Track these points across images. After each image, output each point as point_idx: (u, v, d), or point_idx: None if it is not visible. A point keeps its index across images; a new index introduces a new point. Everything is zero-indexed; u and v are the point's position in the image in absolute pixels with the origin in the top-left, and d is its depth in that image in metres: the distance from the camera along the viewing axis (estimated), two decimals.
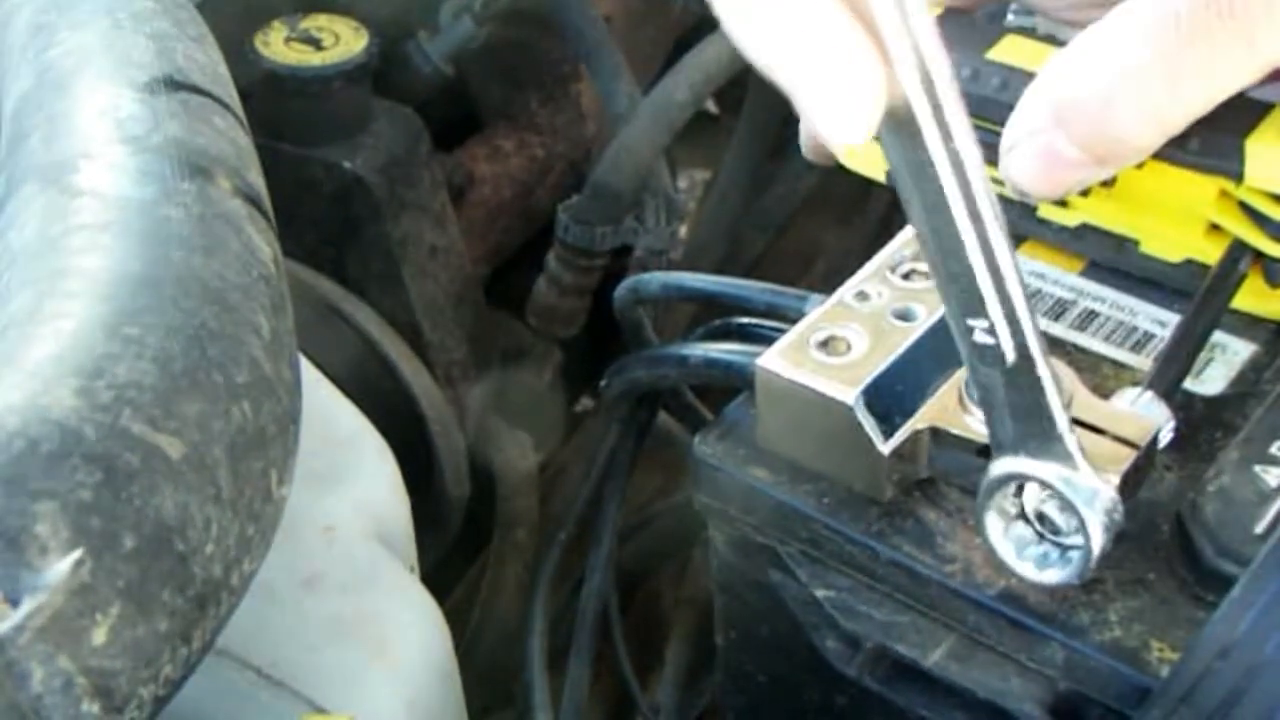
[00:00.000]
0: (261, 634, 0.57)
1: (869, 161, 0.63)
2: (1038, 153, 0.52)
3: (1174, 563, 0.49)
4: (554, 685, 0.74)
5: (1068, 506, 0.46)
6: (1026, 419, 0.46)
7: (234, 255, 0.46)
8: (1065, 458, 0.46)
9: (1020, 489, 0.47)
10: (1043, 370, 0.45)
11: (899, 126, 0.40)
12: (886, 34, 0.38)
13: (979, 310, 0.44)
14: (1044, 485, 0.46)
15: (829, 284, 0.55)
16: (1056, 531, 0.47)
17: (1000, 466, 0.47)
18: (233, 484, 0.42)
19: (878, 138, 0.59)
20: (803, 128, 0.65)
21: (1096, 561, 0.46)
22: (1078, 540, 0.47)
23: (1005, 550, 0.48)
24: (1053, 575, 0.48)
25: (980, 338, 0.44)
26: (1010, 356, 0.44)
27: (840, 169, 0.64)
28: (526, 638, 0.77)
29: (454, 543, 0.90)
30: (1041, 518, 0.48)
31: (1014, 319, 0.44)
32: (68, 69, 0.50)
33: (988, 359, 0.45)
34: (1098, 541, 0.46)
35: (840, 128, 0.39)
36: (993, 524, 0.48)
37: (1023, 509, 0.48)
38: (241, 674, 0.56)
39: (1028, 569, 0.48)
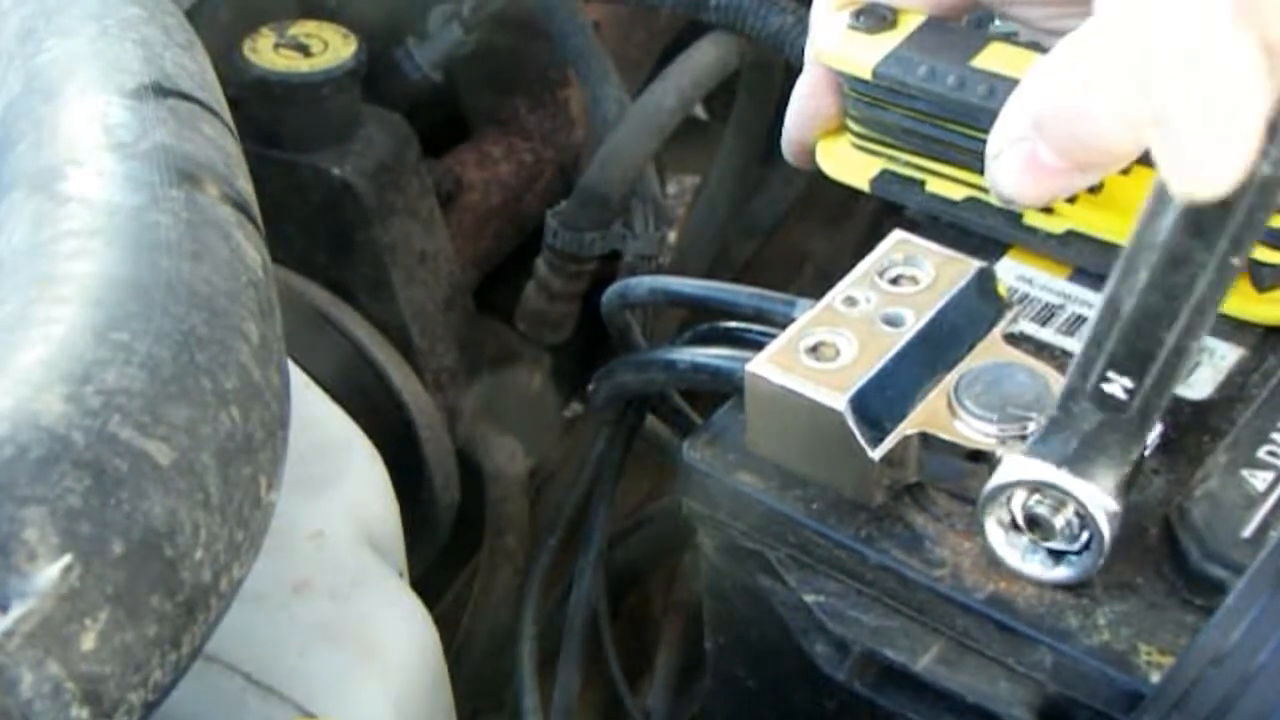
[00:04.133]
0: (251, 639, 0.57)
1: (851, 171, 0.63)
2: (1020, 161, 0.53)
3: (1162, 566, 0.50)
4: (544, 690, 0.74)
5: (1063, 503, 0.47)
6: (1096, 450, 0.46)
7: (222, 261, 0.46)
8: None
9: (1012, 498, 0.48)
10: (1152, 427, 0.46)
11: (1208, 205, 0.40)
12: None
13: (1133, 373, 0.45)
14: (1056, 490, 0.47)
15: (818, 289, 0.55)
16: (1055, 533, 0.48)
17: (1011, 473, 0.47)
18: (221, 489, 0.42)
19: (862, 147, 0.59)
20: (785, 131, 0.65)
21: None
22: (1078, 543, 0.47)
23: (1007, 551, 0.49)
24: (1061, 572, 0.48)
25: (1111, 389, 0.45)
26: (1132, 414, 0.45)
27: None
28: (517, 642, 0.77)
29: (444, 548, 0.90)
30: (1035, 522, 0.48)
31: (1163, 391, 0.45)
32: (56, 76, 0.50)
33: (1106, 405, 0.46)
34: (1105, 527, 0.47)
35: (1211, 177, 0.39)
36: (995, 528, 0.49)
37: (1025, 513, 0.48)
38: (231, 679, 0.56)
39: (1034, 568, 0.49)
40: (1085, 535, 0.47)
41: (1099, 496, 0.46)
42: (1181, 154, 0.41)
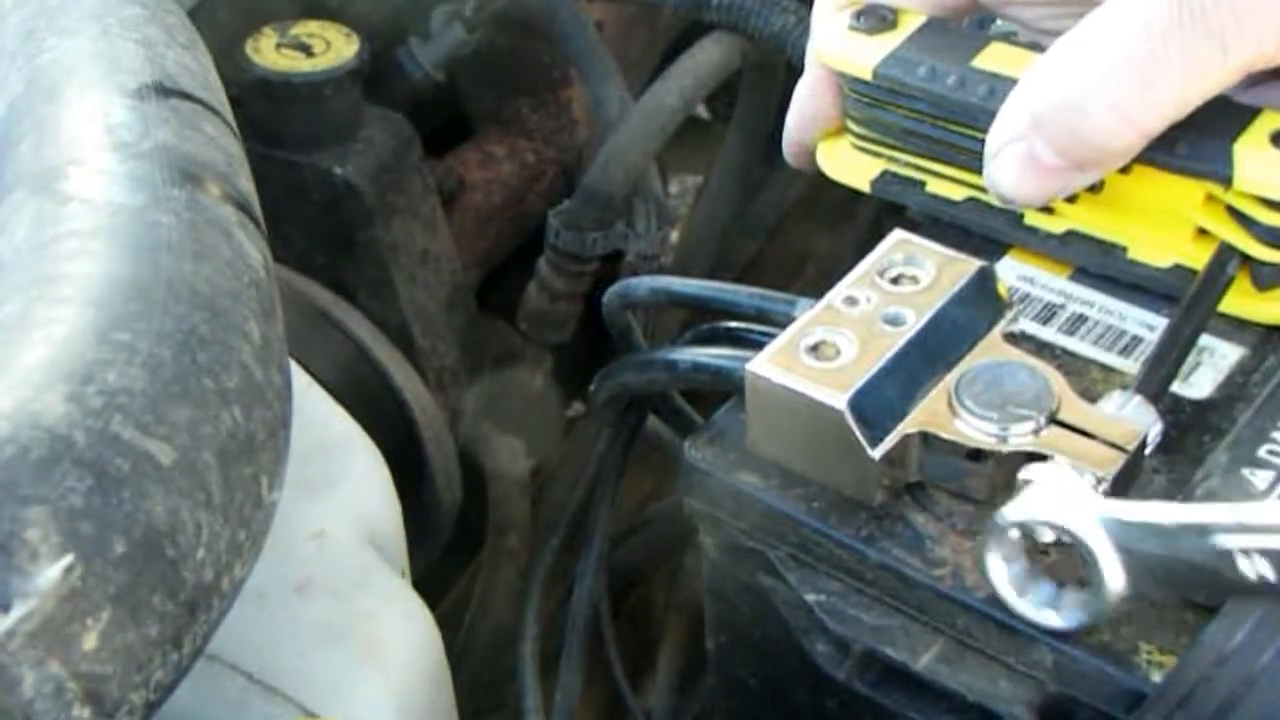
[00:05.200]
0: (253, 639, 0.57)
1: (852, 172, 0.63)
2: (1019, 160, 0.53)
3: None
4: (546, 690, 0.74)
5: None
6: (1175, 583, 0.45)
7: (224, 261, 0.46)
8: None
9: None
10: None
11: None
12: None
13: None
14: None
15: (819, 289, 0.55)
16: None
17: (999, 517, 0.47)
18: (223, 489, 0.42)
19: (862, 147, 0.59)
20: (786, 132, 0.65)
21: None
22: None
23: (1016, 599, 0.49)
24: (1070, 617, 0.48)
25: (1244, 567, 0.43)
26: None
27: None
28: (519, 643, 0.77)
29: (446, 548, 0.90)
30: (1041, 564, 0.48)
31: None
32: (58, 75, 0.50)
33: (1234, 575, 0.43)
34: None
35: None
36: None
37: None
38: (233, 679, 0.56)
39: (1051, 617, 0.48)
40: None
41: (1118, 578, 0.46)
42: None
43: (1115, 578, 0.45)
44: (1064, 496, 0.46)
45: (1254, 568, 0.42)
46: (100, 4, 0.53)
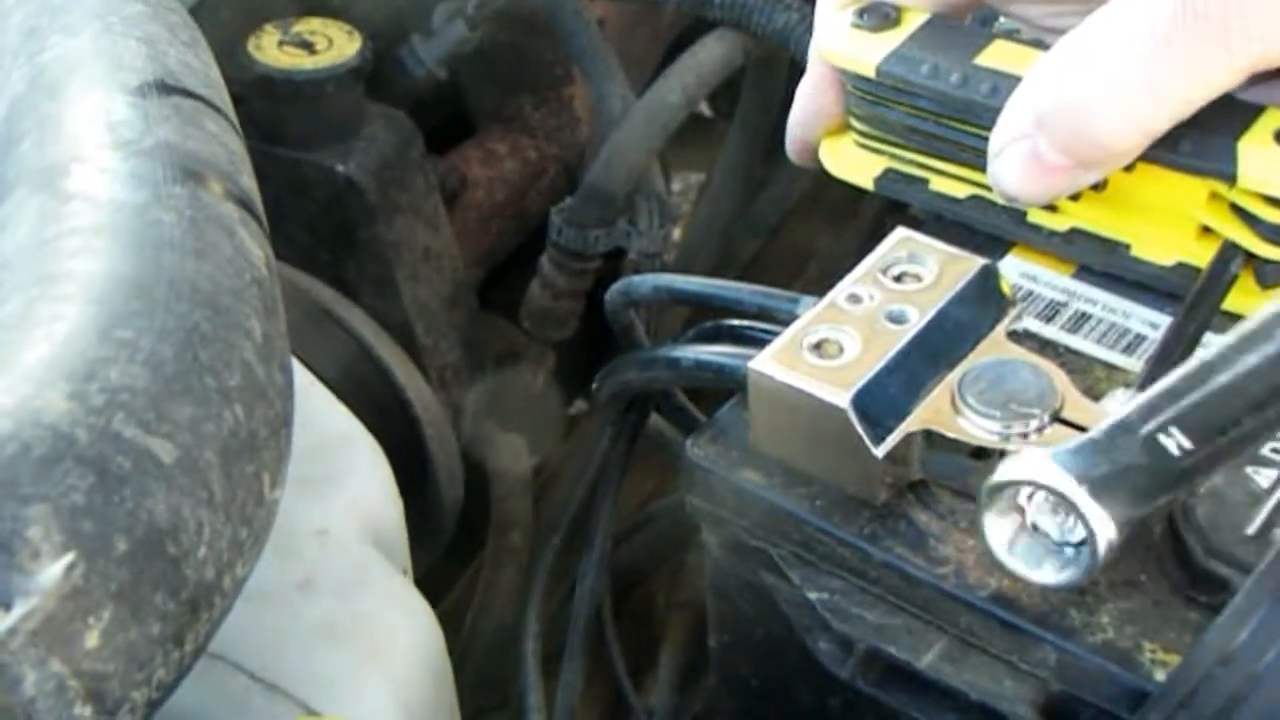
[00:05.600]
0: (255, 637, 0.57)
1: (855, 169, 0.63)
2: (1023, 159, 0.53)
3: (1166, 564, 0.49)
4: (548, 688, 0.74)
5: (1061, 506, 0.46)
6: (1122, 484, 0.46)
7: (226, 259, 0.46)
8: None
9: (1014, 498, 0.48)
10: (1191, 490, 0.46)
11: None
12: None
13: (1197, 439, 0.43)
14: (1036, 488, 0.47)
15: (822, 286, 0.55)
16: (1054, 534, 0.48)
17: (1027, 471, 0.47)
18: (225, 487, 0.42)
19: (865, 145, 0.59)
20: (789, 130, 0.65)
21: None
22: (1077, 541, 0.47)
23: (1007, 554, 0.49)
24: (1067, 574, 0.48)
25: (1167, 443, 0.44)
26: (1176, 470, 0.45)
27: None
28: (521, 641, 0.77)
29: (448, 546, 0.90)
30: (1035, 523, 0.48)
31: (1218, 464, 0.44)
32: (60, 73, 0.50)
33: (1153, 453, 0.44)
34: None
35: None
36: (997, 529, 0.49)
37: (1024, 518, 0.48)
38: (235, 677, 0.56)
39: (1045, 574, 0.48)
40: (1082, 550, 0.47)
41: (1107, 525, 0.46)
42: None
43: (1099, 519, 0.46)
44: (1032, 455, 0.47)
45: (1176, 443, 0.44)
46: (102, 2, 0.53)
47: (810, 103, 0.64)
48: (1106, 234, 0.58)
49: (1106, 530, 0.46)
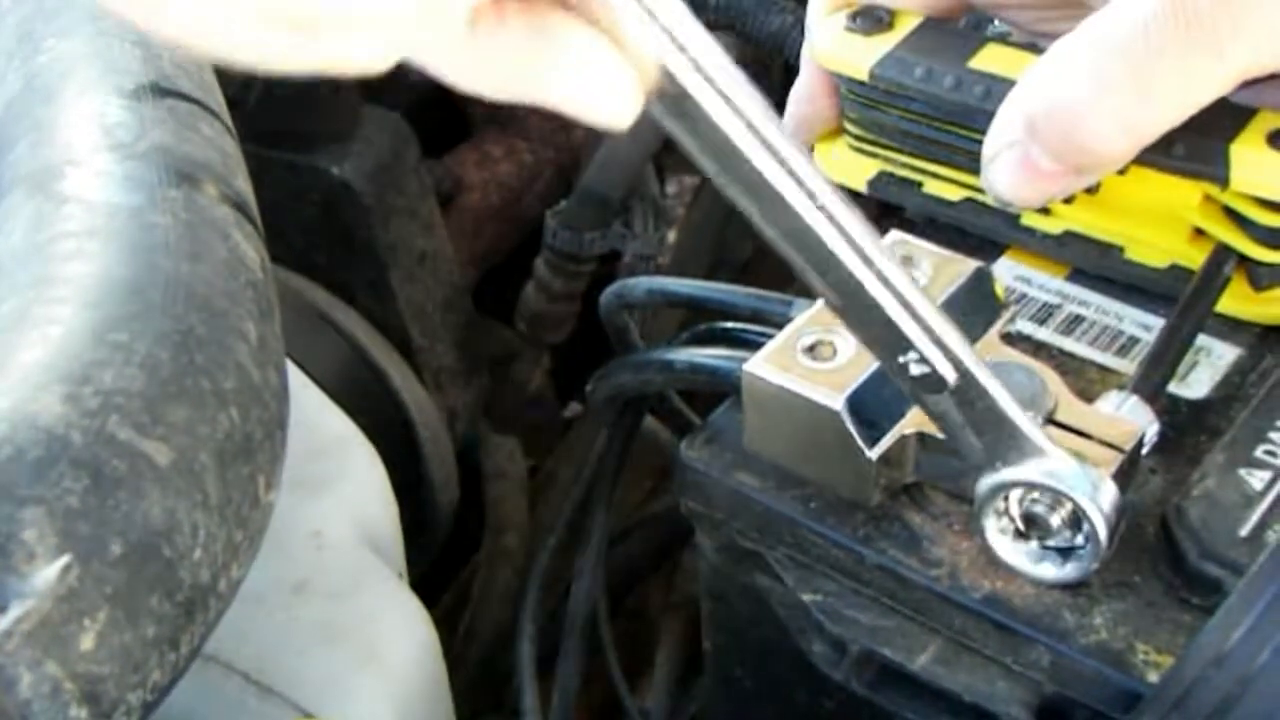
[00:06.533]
0: (250, 639, 0.57)
1: (848, 172, 0.63)
2: (1016, 164, 0.53)
3: (1159, 566, 0.50)
4: (544, 690, 0.74)
5: (1059, 500, 0.47)
6: (991, 431, 0.46)
7: (221, 262, 0.46)
8: (1040, 454, 0.46)
9: (1008, 498, 0.48)
10: (984, 378, 0.45)
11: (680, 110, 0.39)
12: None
13: (902, 343, 0.44)
14: (1031, 487, 0.47)
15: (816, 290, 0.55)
16: (1052, 531, 0.48)
17: (986, 482, 0.47)
18: (220, 490, 0.42)
19: (859, 148, 0.59)
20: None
21: (1108, 543, 0.47)
22: (1075, 535, 0.47)
23: (1013, 557, 0.49)
24: (1069, 571, 0.48)
25: (916, 370, 0.45)
26: (951, 377, 0.45)
27: None
28: (516, 642, 0.77)
29: (443, 548, 0.90)
30: (1033, 520, 0.48)
31: (936, 339, 0.44)
32: (55, 76, 0.51)
33: (931, 387, 0.45)
34: (1100, 521, 0.46)
35: (613, 116, 0.38)
36: (995, 536, 0.49)
37: (1019, 516, 0.48)
38: (230, 679, 0.56)
39: (1046, 570, 0.49)
40: (1068, 512, 0.47)
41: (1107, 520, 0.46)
42: None
43: (1098, 514, 0.46)
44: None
45: (920, 369, 0.45)
46: (97, 5, 0.53)
47: (803, 106, 0.64)
48: (1100, 237, 0.59)
49: (1106, 525, 0.46)
